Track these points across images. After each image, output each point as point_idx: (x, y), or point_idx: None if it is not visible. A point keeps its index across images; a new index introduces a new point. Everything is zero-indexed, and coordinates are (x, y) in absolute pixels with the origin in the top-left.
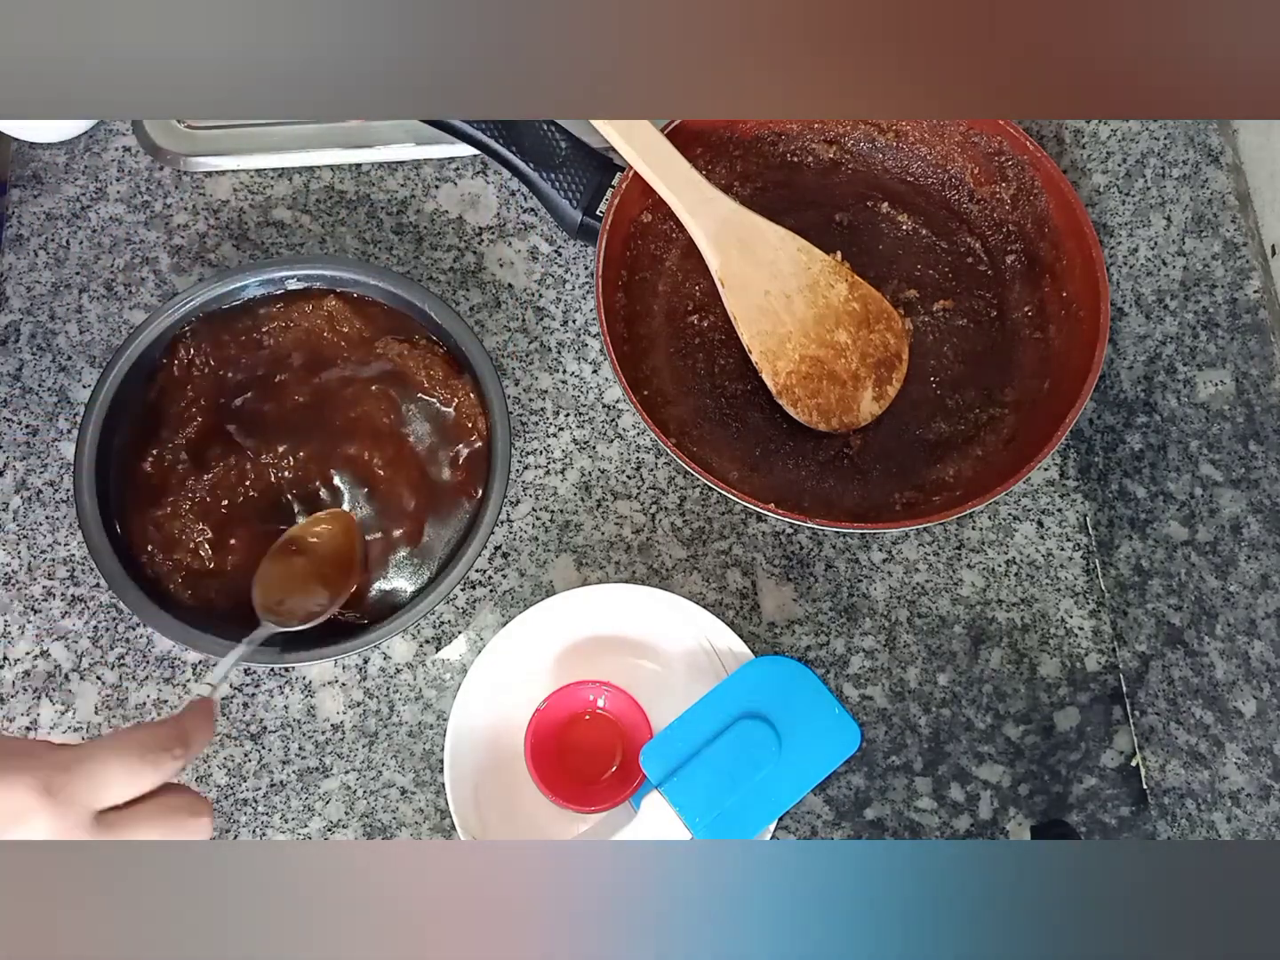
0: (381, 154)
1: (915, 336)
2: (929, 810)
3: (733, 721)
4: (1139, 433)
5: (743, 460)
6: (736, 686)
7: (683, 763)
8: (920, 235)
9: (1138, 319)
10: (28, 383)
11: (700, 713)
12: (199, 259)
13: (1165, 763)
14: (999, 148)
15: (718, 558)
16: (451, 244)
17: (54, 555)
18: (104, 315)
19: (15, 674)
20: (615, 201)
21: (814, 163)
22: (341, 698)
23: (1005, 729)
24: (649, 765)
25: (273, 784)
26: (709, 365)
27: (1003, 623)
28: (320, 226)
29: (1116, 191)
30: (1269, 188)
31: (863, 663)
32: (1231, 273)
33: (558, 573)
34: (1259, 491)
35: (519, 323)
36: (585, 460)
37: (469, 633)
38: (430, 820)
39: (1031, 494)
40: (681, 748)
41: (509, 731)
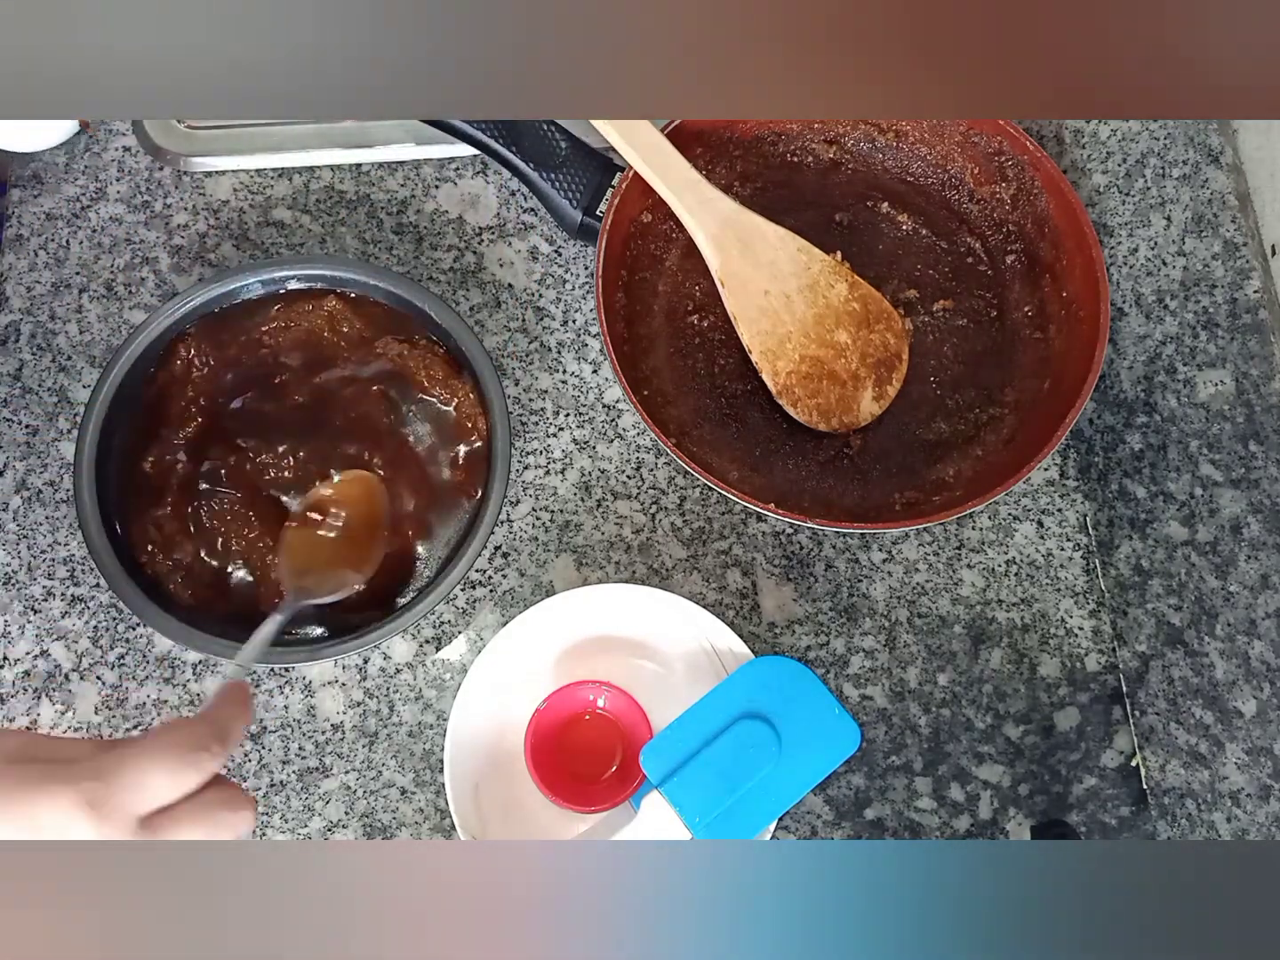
0: (381, 154)
1: (915, 336)
2: (929, 810)
3: (732, 722)
4: (1139, 433)
5: (743, 460)
6: (736, 686)
7: (682, 763)
8: (920, 235)
9: (1138, 319)
10: (28, 383)
11: (700, 713)
12: (199, 259)
13: (1165, 763)
14: (999, 148)
15: (718, 558)
16: (451, 244)
17: (54, 555)
18: (104, 315)
19: (15, 674)
20: (615, 201)
21: (814, 163)
22: (341, 698)
23: (1005, 729)
24: (649, 765)
25: (273, 784)
26: (709, 365)
27: (1003, 623)
28: (320, 226)
29: (1116, 191)
30: (1269, 188)
31: (863, 663)
32: (1231, 273)
33: (558, 573)
34: (1259, 491)
35: (519, 323)
36: (585, 460)
37: (469, 633)
38: (430, 820)
39: (1031, 494)
40: (681, 748)
41: (509, 731)
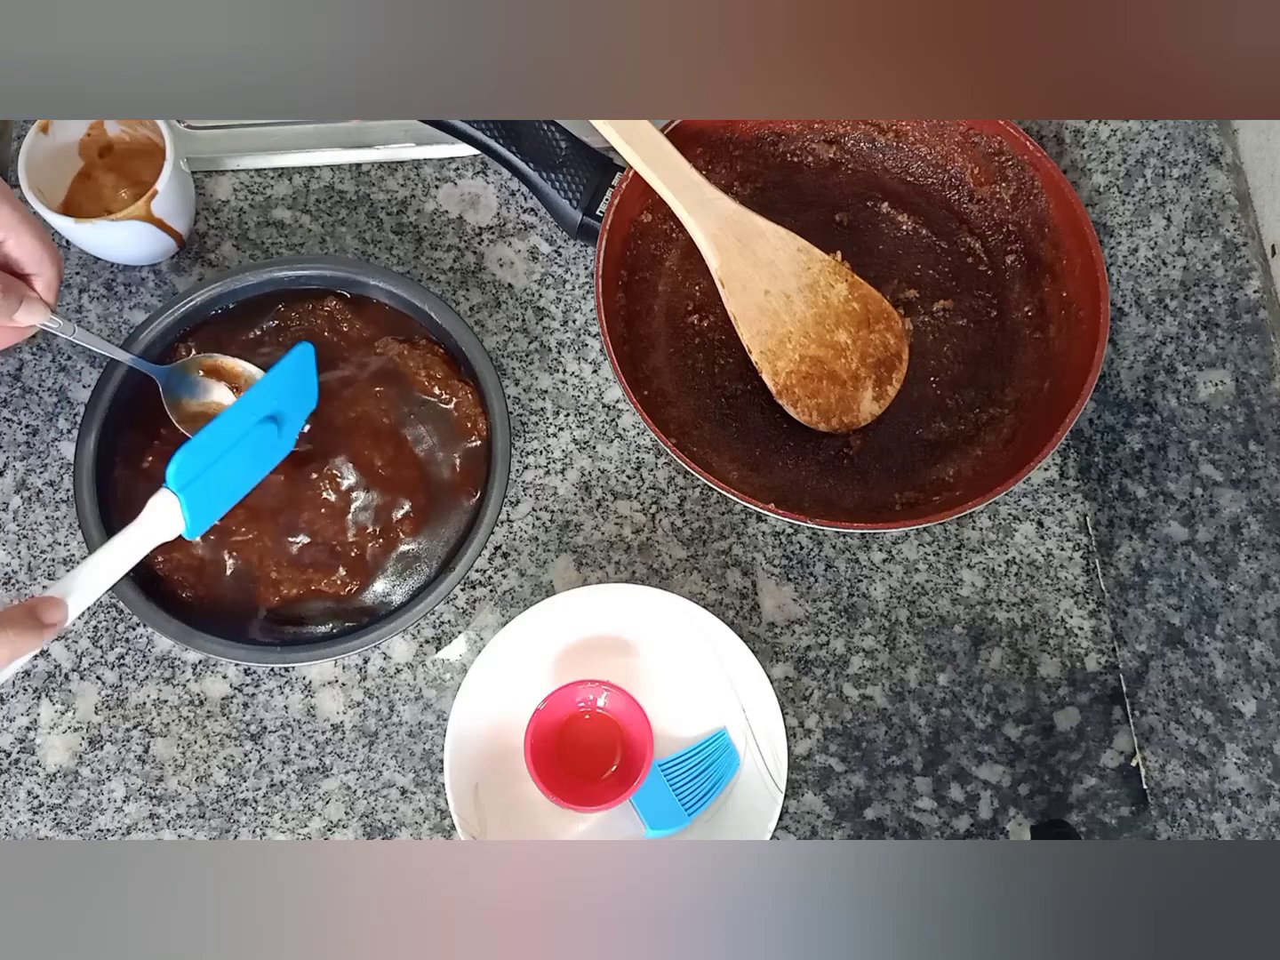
0: (381, 154)
1: (915, 336)
2: (929, 810)
3: (253, 428)
4: (1139, 433)
5: (743, 460)
6: (264, 392)
7: (206, 469)
8: (920, 235)
9: (1138, 319)
10: (28, 383)
11: (229, 421)
12: (199, 259)
13: (1165, 763)
14: (999, 148)
15: (718, 558)
16: (451, 244)
17: (54, 555)
18: (104, 315)
19: (15, 674)
20: (615, 201)
21: (814, 163)
22: (341, 698)
23: (1005, 729)
24: (174, 473)
25: (273, 784)
26: (709, 365)
27: (1003, 623)
28: (320, 226)
29: (1116, 191)
30: (1269, 188)
31: (863, 663)
32: (1231, 273)
33: (558, 573)
34: (1259, 491)
35: (519, 323)
36: (585, 460)
37: (469, 633)
38: (430, 820)
39: (1031, 494)
40: (209, 455)
41: (509, 731)
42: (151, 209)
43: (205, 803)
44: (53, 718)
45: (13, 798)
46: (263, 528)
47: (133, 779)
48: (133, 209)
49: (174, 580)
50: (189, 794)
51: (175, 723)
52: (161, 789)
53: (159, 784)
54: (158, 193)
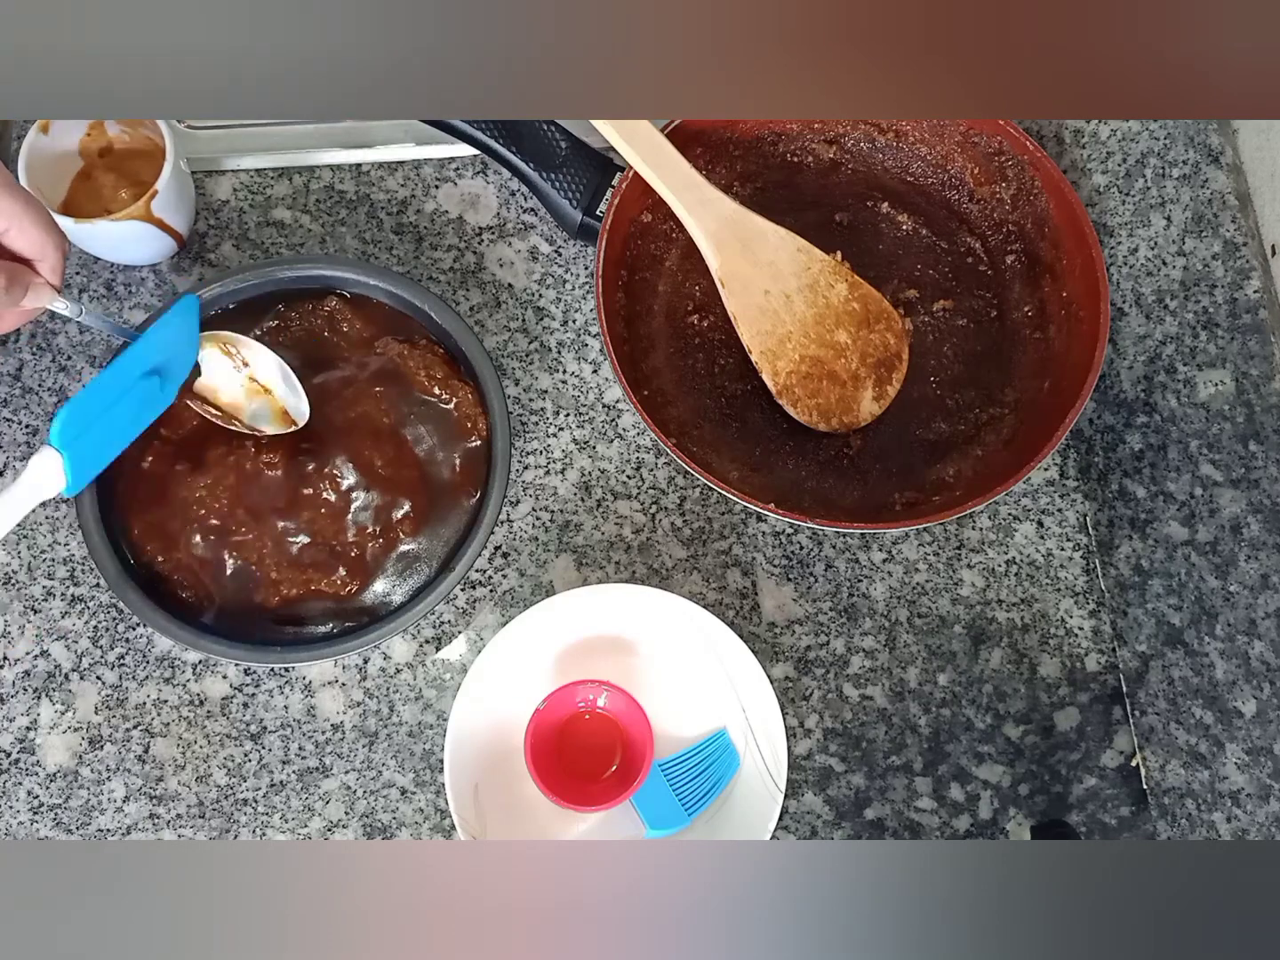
0: (381, 154)
1: (915, 336)
2: (929, 810)
3: (138, 381)
4: (1139, 433)
5: (743, 460)
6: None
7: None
8: (920, 235)
9: (1138, 319)
10: (28, 383)
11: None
12: (199, 259)
13: (1165, 763)
14: (999, 148)
15: (718, 558)
16: (451, 244)
17: (54, 555)
18: (104, 315)
19: (15, 674)
20: (615, 201)
21: (814, 163)
22: (341, 698)
23: (1005, 729)
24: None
25: (273, 784)
26: (709, 365)
27: (1003, 623)
28: (320, 226)
29: (1116, 191)
30: (1269, 188)
31: (863, 663)
32: (1231, 273)
33: (558, 573)
34: (1259, 491)
35: (519, 323)
36: (585, 460)
37: (469, 633)
38: (430, 820)
39: (1031, 494)
40: (92, 413)
41: (509, 731)
42: (151, 209)
43: (205, 803)
44: (53, 718)
45: (13, 798)
46: (263, 528)
47: (133, 779)
48: (133, 209)
49: (174, 580)
50: (189, 794)
51: (175, 723)
52: (161, 789)
53: (159, 784)
54: (158, 193)
